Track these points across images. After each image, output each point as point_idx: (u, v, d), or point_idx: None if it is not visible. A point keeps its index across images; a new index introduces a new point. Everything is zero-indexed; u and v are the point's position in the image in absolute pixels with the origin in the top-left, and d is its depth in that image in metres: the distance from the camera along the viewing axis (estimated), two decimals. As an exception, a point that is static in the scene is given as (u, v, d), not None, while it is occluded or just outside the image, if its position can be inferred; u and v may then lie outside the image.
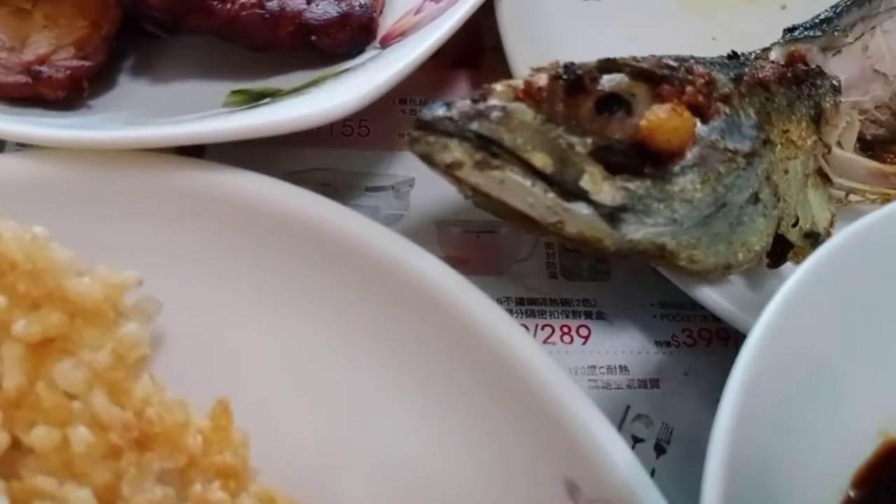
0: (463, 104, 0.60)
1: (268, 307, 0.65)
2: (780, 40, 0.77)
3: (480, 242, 0.79)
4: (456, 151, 0.59)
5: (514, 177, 0.60)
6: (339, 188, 0.75)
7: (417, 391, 0.62)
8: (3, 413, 0.51)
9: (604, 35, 0.87)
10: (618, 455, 0.56)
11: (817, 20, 0.79)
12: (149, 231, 0.65)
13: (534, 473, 0.59)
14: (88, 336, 0.53)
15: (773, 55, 0.75)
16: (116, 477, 0.51)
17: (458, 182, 0.61)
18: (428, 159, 0.60)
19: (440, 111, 0.60)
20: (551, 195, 0.60)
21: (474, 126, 0.59)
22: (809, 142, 0.71)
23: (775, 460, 0.53)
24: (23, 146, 0.76)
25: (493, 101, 0.61)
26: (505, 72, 0.80)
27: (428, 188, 0.82)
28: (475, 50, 0.91)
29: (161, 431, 0.52)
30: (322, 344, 0.64)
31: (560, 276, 0.78)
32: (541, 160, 0.60)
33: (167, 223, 0.65)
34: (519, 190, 0.60)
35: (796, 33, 0.78)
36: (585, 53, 0.68)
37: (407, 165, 0.84)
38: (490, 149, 0.59)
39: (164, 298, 0.60)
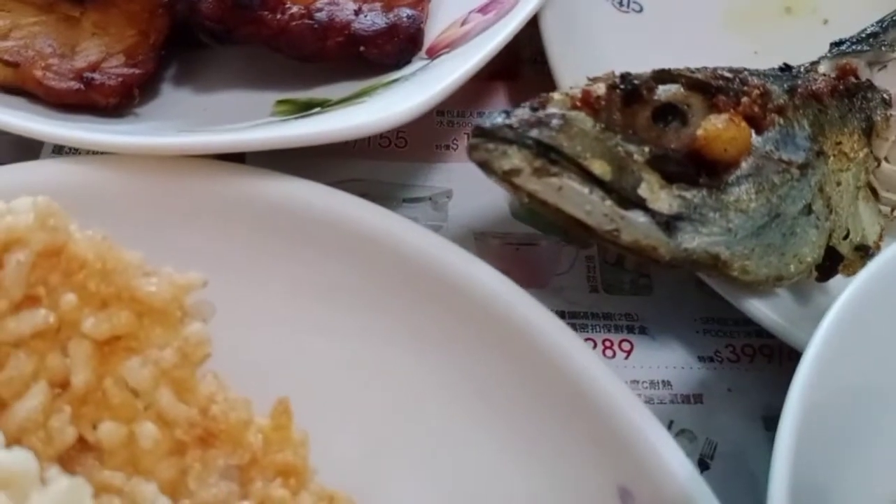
0: (522, 112, 0.64)
1: (320, 312, 0.68)
2: (828, 54, 0.81)
3: (520, 255, 0.82)
4: (515, 158, 0.62)
5: (573, 184, 0.63)
6: (376, 199, 0.77)
7: (472, 396, 0.65)
8: (71, 408, 0.54)
9: (645, 47, 0.90)
10: (674, 462, 0.59)
11: (864, 35, 0.82)
12: (203, 236, 0.69)
13: (586, 481, 0.61)
14: (155, 335, 0.55)
15: (821, 68, 0.78)
16: (181, 473, 0.54)
17: (515, 189, 0.64)
18: (486, 166, 0.63)
19: (499, 119, 0.63)
20: (609, 203, 0.63)
21: (534, 133, 0.63)
22: (861, 154, 0.74)
23: (833, 478, 0.55)
24: (59, 152, 0.80)
25: (552, 109, 0.64)
26: (543, 84, 0.83)
27: (466, 200, 0.85)
28: (513, 62, 0.94)
29: (225, 429, 0.55)
30: (375, 349, 0.67)
31: (601, 290, 0.81)
32: (600, 167, 0.63)
33: (221, 228, 0.69)
34: (577, 197, 0.63)
35: (843, 47, 0.80)
36: (627, 65, 0.71)
37: (444, 177, 0.87)
38: (549, 156, 0.63)
39: (215, 302, 0.63)
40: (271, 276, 0.69)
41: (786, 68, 0.77)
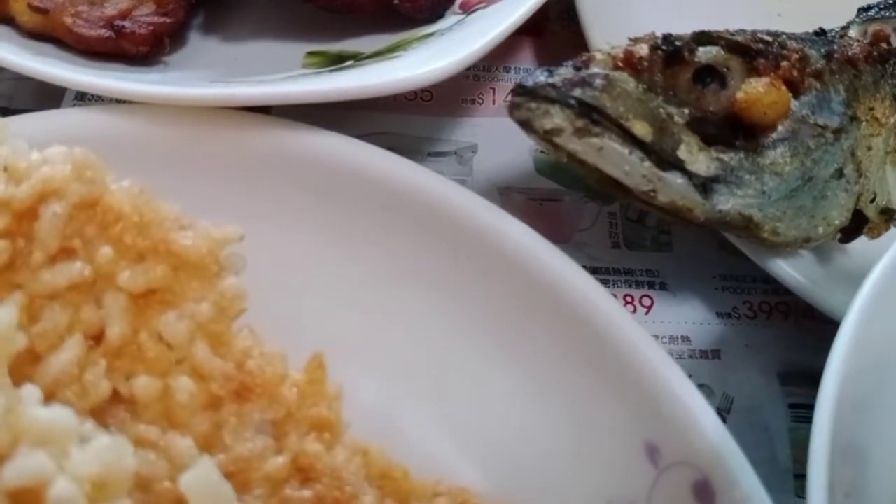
0: (566, 71, 0.61)
1: (345, 264, 0.67)
2: (857, 19, 0.78)
3: (543, 210, 0.81)
4: (557, 118, 0.60)
5: (614, 144, 0.60)
6: (402, 153, 0.76)
7: (498, 349, 0.64)
8: (105, 362, 0.52)
9: (673, 5, 0.88)
10: (702, 418, 0.57)
11: (891, 1, 0.80)
12: (228, 187, 0.66)
13: (613, 436, 0.60)
14: (191, 289, 0.53)
15: (851, 33, 0.76)
16: (216, 427, 0.52)
17: (556, 148, 0.61)
18: (527, 125, 0.61)
19: (542, 78, 0.60)
20: (648, 163, 0.61)
21: (577, 93, 0.60)
22: (892, 120, 0.72)
23: (871, 437, 0.53)
24: (81, 99, 0.78)
25: (595, 69, 0.62)
26: (570, 41, 0.83)
27: (491, 155, 0.83)
28: (540, 18, 0.91)
29: (261, 383, 0.53)
30: (402, 300, 0.66)
31: (623, 246, 0.80)
32: (641, 128, 0.61)
33: (248, 179, 0.67)
34: (617, 157, 0.61)
35: (871, 13, 0.78)
36: (657, 24, 0.69)
37: (469, 131, 0.85)
38: (591, 116, 0.60)
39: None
40: (298, 228, 0.67)
41: (821, 32, 0.75)
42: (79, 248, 0.52)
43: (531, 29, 0.91)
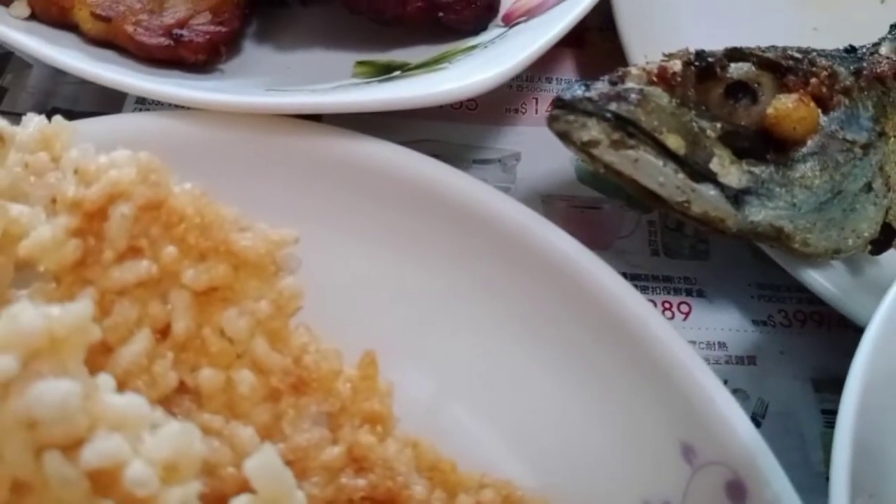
0: (602, 86, 0.66)
1: (392, 266, 0.71)
2: (889, 36, 0.82)
3: (585, 217, 0.85)
4: (594, 130, 0.65)
5: (648, 157, 0.65)
6: (447, 160, 0.79)
7: (544, 351, 0.68)
8: (172, 354, 0.56)
9: (711, 17, 0.91)
10: (735, 420, 0.61)
11: (924, 18, 0.83)
12: (280, 191, 0.71)
13: (650, 436, 0.64)
14: (250, 287, 0.58)
15: (883, 50, 0.80)
16: (275, 418, 0.57)
17: (592, 159, 0.66)
18: (565, 137, 0.66)
19: (580, 91, 0.66)
20: (681, 175, 0.66)
21: (613, 107, 0.65)
22: (920, 136, 0.76)
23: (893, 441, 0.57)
24: (142, 105, 0.83)
25: (630, 84, 0.67)
26: (610, 52, 0.87)
27: (534, 163, 0.87)
28: (580, 29, 0.95)
29: (317, 377, 0.57)
30: (448, 301, 0.70)
31: (662, 254, 0.84)
32: (674, 142, 0.66)
33: (299, 185, 0.71)
34: (651, 169, 0.66)
35: (903, 29, 0.82)
36: (695, 36, 0.74)
37: (513, 140, 0.89)
38: (626, 129, 0.65)
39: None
40: (347, 231, 0.71)
41: (851, 50, 0.78)
42: (145, 247, 0.56)
43: (572, 40, 0.95)
